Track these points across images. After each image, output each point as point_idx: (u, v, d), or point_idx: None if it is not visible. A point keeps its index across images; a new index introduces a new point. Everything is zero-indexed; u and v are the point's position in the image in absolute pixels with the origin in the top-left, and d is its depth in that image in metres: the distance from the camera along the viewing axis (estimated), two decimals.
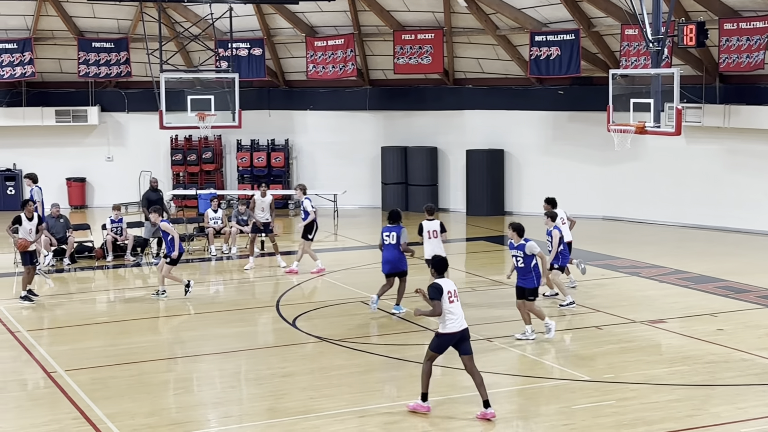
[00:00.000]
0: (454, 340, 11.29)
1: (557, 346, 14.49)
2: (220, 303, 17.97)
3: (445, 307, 11.17)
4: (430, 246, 16.33)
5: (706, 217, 24.66)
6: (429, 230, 16.48)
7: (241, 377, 13.35)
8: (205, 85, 25.98)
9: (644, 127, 19.28)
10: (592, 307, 16.64)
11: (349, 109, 29.75)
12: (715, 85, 23.95)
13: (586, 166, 26.58)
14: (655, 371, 12.99)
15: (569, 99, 26.85)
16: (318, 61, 28.51)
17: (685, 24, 18.99)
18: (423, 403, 11.43)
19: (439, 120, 28.84)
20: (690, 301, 17.05)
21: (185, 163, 30.25)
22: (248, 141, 30.19)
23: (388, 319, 16.09)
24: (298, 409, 11.69)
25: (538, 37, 25.59)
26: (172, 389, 12.80)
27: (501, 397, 12.10)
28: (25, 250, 17.44)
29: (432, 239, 16.44)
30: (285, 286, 18.65)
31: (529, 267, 14.23)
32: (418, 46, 27.48)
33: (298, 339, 14.75)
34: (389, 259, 16.09)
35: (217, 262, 21.59)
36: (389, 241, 16.04)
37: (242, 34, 28.78)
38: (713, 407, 11.59)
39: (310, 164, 30.28)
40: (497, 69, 27.89)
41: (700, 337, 14.60)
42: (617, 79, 20.71)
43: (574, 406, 11.66)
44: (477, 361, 11.38)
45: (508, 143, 28.03)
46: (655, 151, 25.26)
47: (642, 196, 25.94)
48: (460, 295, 11.42)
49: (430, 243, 16.42)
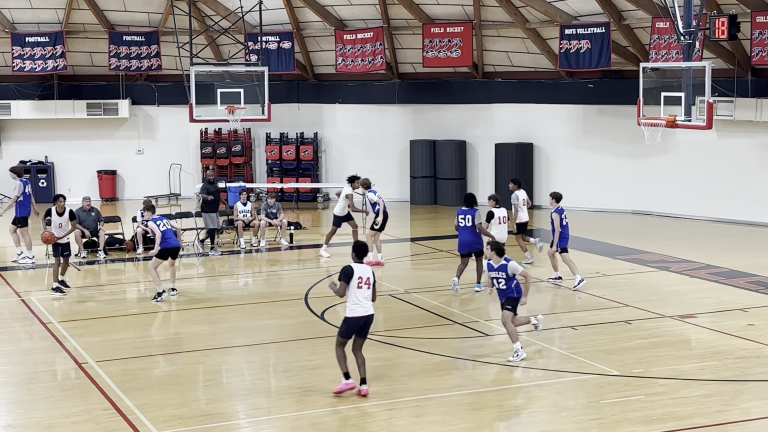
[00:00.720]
0: (359, 325, 11.74)
1: (586, 340, 14.44)
2: (249, 295, 18.06)
3: (352, 292, 11.60)
4: (498, 231, 17.50)
5: (737, 211, 24.47)
6: (499, 216, 17.69)
7: (269, 369, 13.41)
8: (235, 79, 26.06)
9: (675, 121, 19.14)
10: (622, 301, 16.56)
11: (378, 102, 29.75)
12: (747, 78, 23.74)
13: (616, 160, 26.44)
14: (685, 366, 12.93)
15: (599, 92, 26.70)
16: (347, 54, 28.54)
17: (716, 17, 18.81)
18: (348, 382, 11.89)
19: (468, 113, 28.77)
20: (721, 296, 16.94)
21: (215, 156, 30.37)
22: (277, 134, 30.27)
23: (415, 313, 16.11)
24: (326, 401, 11.73)
25: (568, 30, 25.46)
26: (201, 381, 12.89)
27: (528, 391, 12.09)
28: (49, 243, 17.60)
29: (501, 225, 17.67)
30: (314, 279, 18.70)
31: (510, 288, 13.33)
32: (447, 40, 27.42)
33: (326, 332, 14.80)
34: (467, 241, 17.11)
35: (246, 255, 21.69)
36: (464, 224, 17.04)
37: (272, 28, 28.85)
38: (743, 403, 11.51)
39: (338, 158, 30.32)
40: (527, 62, 27.78)
41: (731, 333, 14.50)
42: (648, 72, 20.57)
43: (602, 400, 11.63)
44: (506, 355, 11.35)
45: (538, 137, 27.93)
46: (685, 145, 25.08)
47: (672, 191, 25.77)
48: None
49: (498, 228, 17.56)
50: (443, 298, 16.93)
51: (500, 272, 13.33)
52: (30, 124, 29.99)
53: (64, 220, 17.78)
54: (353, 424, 11.12)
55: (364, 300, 11.70)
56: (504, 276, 13.31)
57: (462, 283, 17.30)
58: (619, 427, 10.78)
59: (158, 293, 16.95)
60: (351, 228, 20.70)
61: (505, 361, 13.13)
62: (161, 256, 16.98)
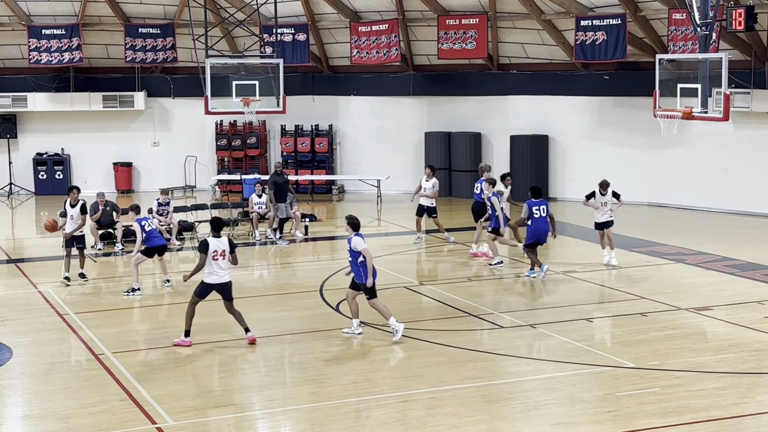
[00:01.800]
0: (211, 290, 13.76)
1: (601, 332, 14.41)
2: (264, 287, 18.10)
3: (209, 262, 13.55)
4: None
5: (753, 203, 24.35)
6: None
7: (284, 361, 13.44)
8: (250, 71, 26.07)
9: (691, 113, 19.05)
10: (637, 293, 16.52)
11: (393, 94, 29.71)
12: (764, 70, 23.60)
13: (632, 152, 26.34)
14: (701, 359, 12.89)
15: (615, 84, 26.60)
16: (362, 46, 28.52)
17: (733, 8, 18.70)
18: (186, 339, 13.71)
19: (483, 105, 28.72)
20: (737, 289, 16.87)
21: (230, 148, 30.43)
22: (292, 126, 30.29)
23: (430, 305, 16.10)
24: (341, 393, 11.76)
25: (583, 21, 25.36)
26: (217, 372, 12.94)
27: (544, 383, 12.08)
28: (52, 231, 18.06)
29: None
30: (328, 271, 18.72)
31: (356, 262, 13.86)
32: (463, 31, 27.36)
33: (341, 324, 14.82)
34: (542, 230, 17.68)
35: (261, 247, 21.73)
36: (539, 214, 17.65)
37: (287, 20, 28.84)
38: (760, 395, 11.48)
39: (353, 150, 30.33)
40: (542, 54, 27.70)
41: (747, 325, 14.45)
42: (664, 64, 20.47)
43: (618, 393, 11.61)
44: (521, 347, 11.33)
45: (553, 129, 27.85)
46: (702, 137, 24.97)
47: (688, 183, 25.66)
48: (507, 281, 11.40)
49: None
50: (459, 291, 16.93)
51: (348, 244, 13.92)
52: (46, 117, 30.12)
53: (76, 212, 17.92)
54: (368, 416, 11.14)
55: (218, 269, 13.63)
56: (348, 249, 13.97)
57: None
58: (635, 420, 10.76)
59: (133, 288, 17.13)
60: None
61: (522, 353, 13.12)
62: (147, 254, 17.30)
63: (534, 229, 17.72)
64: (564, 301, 16.17)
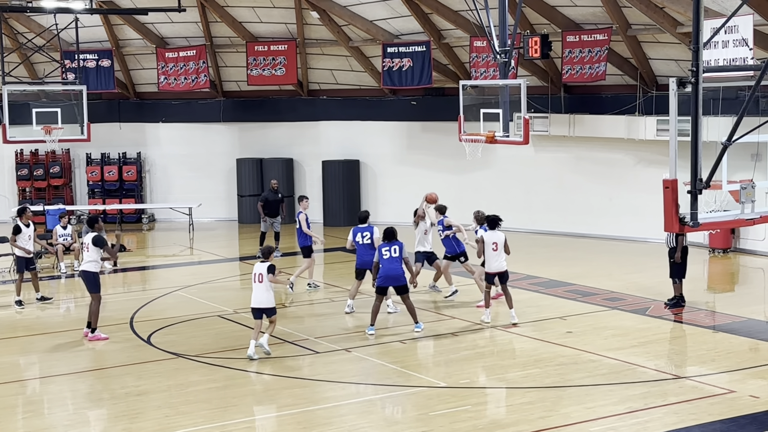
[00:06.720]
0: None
1: (415, 353, 14.66)
2: (71, 321, 17.41)
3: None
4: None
5: (555, 222, 25.44)
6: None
7: (94, 397, 12.97)
8: (51, 98, 25.22)
9: (494, 137, 19.70)
10: (448, 314, 16.93)
11: (203, 121, 29.39)
12: (560, 95, 24.75)
13: (440, 175, 26.98)
14: (509, 375, 13.33)
15: (422, 109, 27.26)
16: (169, 72, 28.07)
17: (530, 36, 19.53)
18: (101, 335, 15.30)
19: (294, 131, 28.81)
20: (541, 305, 17.56)
21: (32, 178, 29.25)
22: (98, 154, 29.43)
23: (245, 333, 15.96)
24: (153, 428, 11.45)
25: (390, 48, 25.91)
26: (21, 413, 12.33)
27: (360, 406, 12.16)
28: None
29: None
30: (139, 303, 18.24)
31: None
32: (272, 58, 27.40)
33: (153, 356, 14.45)
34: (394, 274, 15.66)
35: (67, 280, 20.94)
36: (388, 255, 15.53)
37: (90, 45, 28.04)
38: (564, 408, 11.96)
39: (163, 177, 29.76)
40: (351, 80, 28.08)
41: (551, 340, 15.05)
42: (467, 89, 21.11)
43: (431, 412, 11.83)
44: (336, 372, 11.36)
45: (364, 154, 28.24)
46: (505, 160, 25.90)
47: (494, 204, 26.25)
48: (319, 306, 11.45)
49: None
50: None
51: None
52: None
53: (31, 230, 18.14)
54: None
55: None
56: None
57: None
58: None
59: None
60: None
61: (338, 378, 13.18)
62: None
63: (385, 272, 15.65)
64: (378, 323, 16.33)
